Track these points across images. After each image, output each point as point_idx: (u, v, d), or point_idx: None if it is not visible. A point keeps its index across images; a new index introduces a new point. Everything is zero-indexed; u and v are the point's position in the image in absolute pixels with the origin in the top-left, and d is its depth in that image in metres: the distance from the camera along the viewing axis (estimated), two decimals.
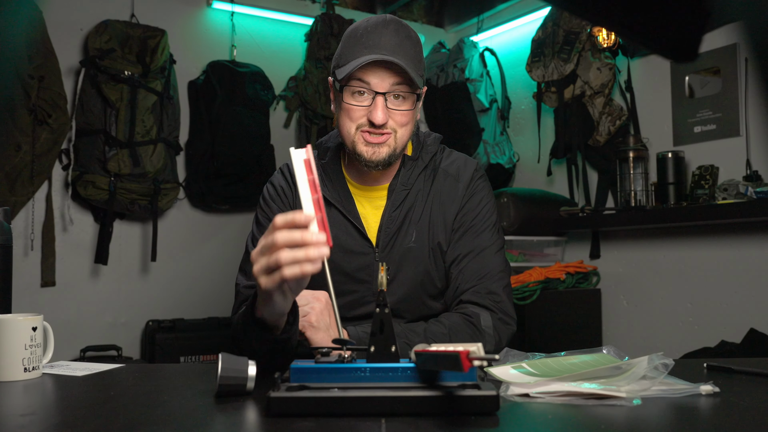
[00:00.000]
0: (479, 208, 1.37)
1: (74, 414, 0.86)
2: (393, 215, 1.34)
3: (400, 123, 1.27)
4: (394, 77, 1.24)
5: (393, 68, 1.23)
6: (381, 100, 1.24)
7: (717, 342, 2.53)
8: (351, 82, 1.25)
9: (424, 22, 4.07)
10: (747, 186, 2.42)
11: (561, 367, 0.96)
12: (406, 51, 1.25)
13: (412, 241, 1.33)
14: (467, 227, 1.35)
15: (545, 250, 3.16)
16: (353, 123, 1.27)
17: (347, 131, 1.28)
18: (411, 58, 1.25)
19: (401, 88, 1.25)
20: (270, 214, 1.36)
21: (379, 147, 1.27)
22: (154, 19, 3.16)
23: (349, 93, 1.26)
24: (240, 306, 1.29)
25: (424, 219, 1.35)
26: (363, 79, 1.24)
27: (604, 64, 2.97)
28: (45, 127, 2.84)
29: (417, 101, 1.31)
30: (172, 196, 3.13)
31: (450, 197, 1.36)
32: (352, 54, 1.25)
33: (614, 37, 2.97)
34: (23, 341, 1.10)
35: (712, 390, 0.90)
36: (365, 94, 1.25)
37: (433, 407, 0.81)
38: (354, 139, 1.28)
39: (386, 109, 1.25)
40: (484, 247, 1.33)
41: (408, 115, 1.28)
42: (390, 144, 1.28)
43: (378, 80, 1.23)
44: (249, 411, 0.84)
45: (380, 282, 0.90)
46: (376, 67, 1.23)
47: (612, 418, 0.79)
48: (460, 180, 1.38)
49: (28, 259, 2.92)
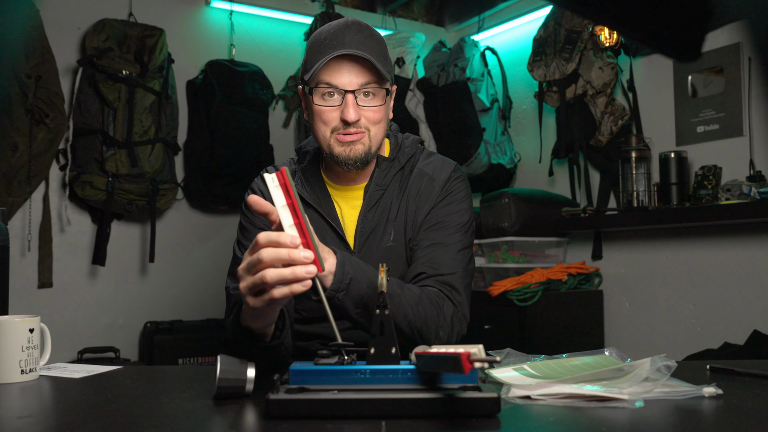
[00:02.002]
0: (452, 207, 1.36)
1: (71, 416, 0.85)
2: (368, 215, 1.34)
3: (372, 120, 1.28)
4: (361, 75, 1.25)
5: (359, 65, 1.24)
6: (351, 98, 1.25)
7: (720, 344, 2.52)
8: (319, 85, 1.25)
9: (425, 21, 4.06)
10: (750, 186, 2.41)
11: (563, 368, 0.96)
12: (371, 47, 1.25)
13: (391, 239, 1.33)
14: (435, 221, 1.34)
15: (547, 251, 3.14)
16: (327, 126, 1.28)
17: (322, 135, 1.29)
18: (376, 54, 1.25)
19: (370, 85, 1.26)
20: (252, 219, 1.37)
21: (353, 145, 1.27)
22: (153, 18, 3.15)
23: (319, 95, 1.27)
24: (232, 309, 1.29)
25: (400, 218, 1.35)
26: (330, 81, 1.25)
27: (606, 63, 2.96)
28: (42, 126, 2.83)
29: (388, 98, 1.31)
30: (170, 197, 3.12)
31: (424, 196, 1.36)
32: (317, 56, 1.26)
33: (616, 36, 2.96)
34: (20, 343, 1.10)
35: (715, 392, 0.90)
36: (334, 95, 1.26)
37: (434, 409, 0.80)
38: (329, 142, 1.28)
39: (357, 107, 1.25)
40: (450, 243, 1.32)
41: (380, 111, 1.28)
42: (364, 142, 1.28)
43: (346, 80, 1.24)
44: (248, 413, 0.84)
45: (380, 283, 0.89)
46: (342, 67, 1.24)
47: (614, 420, 0.79)
48: (435, 179, 1.38)
49: (25, 260, 2.91)
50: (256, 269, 0.91)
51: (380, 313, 0.87)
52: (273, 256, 0.90)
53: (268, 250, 0.90)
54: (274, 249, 0.90)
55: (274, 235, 0.91)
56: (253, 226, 1.35)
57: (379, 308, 0.87)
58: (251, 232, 1.35)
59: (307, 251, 0.90)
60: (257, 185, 1.41)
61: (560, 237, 3.15)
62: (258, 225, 1.35)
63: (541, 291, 2.79)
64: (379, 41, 1.29)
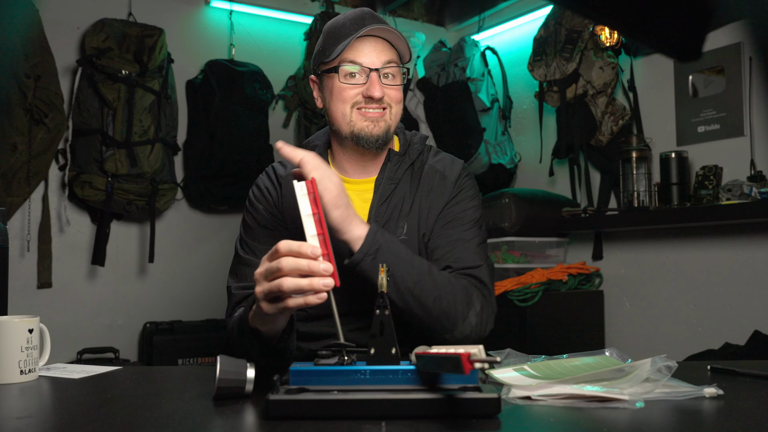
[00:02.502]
0: (465, 204, 1.37)
1: (71, 417, 0.85)
2: (380, 209, 1.34)
3: (394, 99, 1.31)
4: (383, 53, 1.28)
5: (381, 44, 1.28)
6: (375, 76, 1.27)
7: (721, 344, 2.52)
8: (343, 64, 1.27)
9: (425, 20, 4.05)
10: (751, 186, 2.40)
11: (563, 369, 0.96)
12: (389, 30, 1.29)
13: (404, 233, 1.33)
14: (450, 218, 1.34)
15: (547, 251, 3.14)
16: (347, 103, 1.29)
17: (342, 113, 1.30)
18: (395, 35, 1.29)
19: (391, 64, 1.29)
20: (256, 216, 1.36)
21: (377, 121, 1.29)
22: (152, 17, 3.14)
23: (342, 75, 1.28)
24: (233, 309, 1.29)
25: (414, 213, 1.35)
26: (355, 60, 1.27)
27: (607, 63, 2.96)
28: (41, 126, 2.83)
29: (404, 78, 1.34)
30: (169, 197, 3.11)
31: (437, 192, 1.36)
32: (339, 40, 1.28)
33: (617, 36, 2.96)
34: (19, 343, 1.10)
35: (715, 392, 0.90)
36: (356, 76, 1.28)
37: (434, 410, 0.80)
38: (351, 118, 1.29)
39: (381, 84, 1.28)
40: (469, 238, 1.33)
41: (400, 91, 1.32)
42: (386, 119, 1.30)
43: (369, 60, 1.27)
44: (247, 414, 0.84)
45: (380, 283, 0.89)
46: (365, 47, 1.28)
47: (615, 420, 0.79)
48: (447, 176, 1.38)
49: (25, 260, 2.90)
50: (274, 276, 0.92)
51: (380, 314, 0.87)
52: (292, 266, 0.90)
53: (288, 259, 0.91)
54: (294, 258, 0.91)
55: (295, 244, 0.92)
56: (257, 224, 1.35)
57: (379, 308, 0.87)
58: (255, 230, 1.35)
59: (327, 263, 0.91)
60: (263, 181, 1.41)
61: (561, 237, 3.15)
62: (262, 223, 1.34)
63: (541, 291, 2.78)
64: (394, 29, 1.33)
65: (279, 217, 1.35)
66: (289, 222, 1.34)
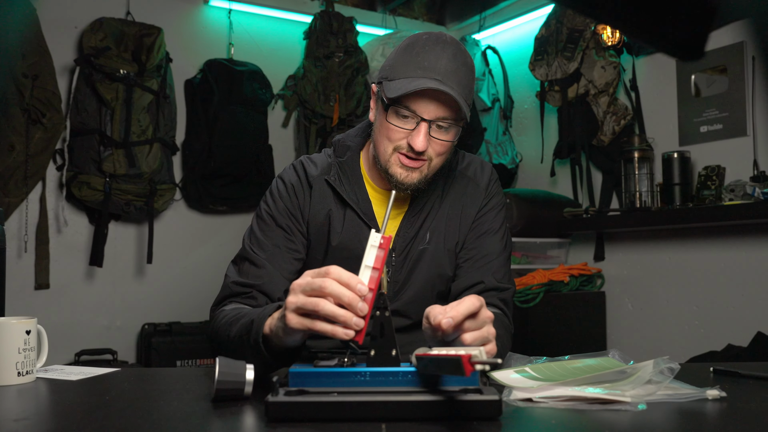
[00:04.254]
0: (495, 212, 1.38)
1: (69, 419, 0.86)
2: (411, 220, 1.32)
3: (437, 152, 1.25)
4: (442, 108, 1.20)
5: (443, 96, 1.19)
6: (425, 127, 1.21)
7: (724, 346, 2.52)
8: (398, 105, 1.21)
9: (425, 19, 4.04)
10: (754, 187, 2.41)
11: (565, 371, 0.96)
12: (460, 79, 1.20)
13: (426, 242, 1.32)
14: (483, 231, 1.35)
15: (548, 252, 3.14)
16: (391, 143, 1.24)
17: (383, 150, 1.25)
18: (463, 87, 1.21)
19: (447, 120, 1.22)
20: (276, 211, 1.31)
21: (412, 171, 1.24)
22: (150, 16, 3.13)
23: (393, 113, 1.22)
24: (223, 300, 1.25)
25: (440, 221, 1.33)
26: (410, 106, 1.20)
27: (609, 62, 2.95)
28: (39, 126, 2.82)
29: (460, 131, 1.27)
30: (168, 197, 3.10)
31: (470, 199, 1.36)
32: (405, 71, 1.21)
33: (619, 35, 2.96)
34: (17, 345, 1.09)
35: (718, 395, 0.89)
36: (409, 118, 1.21)
37: (434, 412, 0.80)
38: (389, 159, 1.25)
39: (428, 137, 1.21)
40: (500, 251, 1.35)
41: (448, 146, 1.26)
42: (423, 171, 1.25)
43: (426, 109, 1.20)
44: (247, 416, 0.84)
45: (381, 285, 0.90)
46: (426, 95, 1.19)
47: (617, 423, 0.79)
48: (479, 183, 1.38)
49: (22, 261, 2.89)
50: (314, 293, 0.90)
51: (380, 315, 0.87)
52: (337, 292, 0.88)
53: (333, 284, 0.88)
54: (339, 285, 0.88)
55: (346, 274, 0.90)
56: (274, 222, 1.30)
57: (380, 310, 0.86)
58: (270, 226, 1.30)
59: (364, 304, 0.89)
60: (290, 177, 1.35)
61: (562, 238, 3.15)
62: (279, 222, 1.30)
63: (542, 292, 2.78)
64: (471, 70, 1.25)
65: (299, 220, 1.31)
66: (311, 228, 1.30)
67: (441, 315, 0.92)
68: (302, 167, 1.35)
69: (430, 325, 0.95)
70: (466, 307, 0.93)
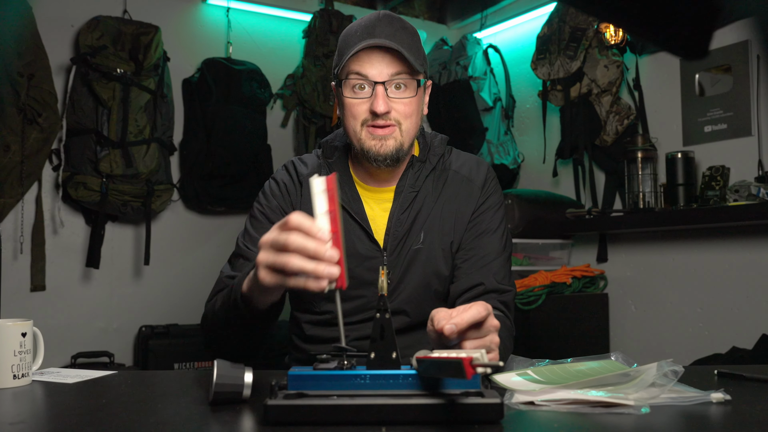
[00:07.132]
0: (493, 211, 1.36)
1: (65, 422, 0.85)
2: (401, 218, 1.31)
3: (403, 114, 1.25)
4: (392, 66, 1.23)
5: (389, 56, 1.22)
6: (381, 89, 1.22)
7: (728, 348, 2.50)
8: (349, 76, 1.24)
9: (426, 18, 4.03)
10: (759, 187, 2.40)
11: (567, 374, 0.96)
12: (402, 38, 1.23)
13: (420, 242, 1.31)
14: (481, 230, 1.34)
15: (551, 254, 3.14)
16: (357, 120, 1.26)
17: (353, 129, 1.27)
18: (407, 45, 1.23)
19: (400, 76, 1.23)
20: (268, 211, 1.34)
21: (385, 140, 1.24)
22: (148, 15, 3.11)
23: (349, 88, 1.25)
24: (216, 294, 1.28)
25: (434, 220, 1.32)
26: (360, 72, 1.23)
27: (612, 61, 2.94)
28: (35, 126, 2.80)
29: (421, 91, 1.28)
30: (165, 198, 3.08)
31: (464, 198, 1.35)
32: (347, 49, 1.24)
33: (622, 34, 2.95)
34: (12, 347, 1.09)
35: (723, 398, 0.89)
36: (365, 87, 1.24)
37: (435, 415, 0.80)
38: (360, 136, 1.26)
39: (387, 99, 1.23)
40: (499, 250, 1.33)
41: (411, 104, 1.26)
42: (396, 137, 1.25)
43: (375, 71, 1.22)
44: (245, 419, 0.84)
45: (380, 286, 0.89)
46: (372, 58, 1.22)
47: (620, 426, 0.79)
48: (474, 181, 1.37)
49: (18, 262, 2.87)
50: (281, 250, 0.89)
51: (380, 317, 0.86)
52: (300, 246, 0.87)
53: (296, 237, 0.87)
54: (302, 238, 0.87)
55: (307, 221, 0.87)
56: (267, 220, 1.32)
57: (379, 311, 0.86)
58: (263, 224, 1.32)
59: (334, 250, 0.87)
60: (282, 176, 1.38)
61: (564, 239, 3.14)
62: (273, 219, 1.31)
63: (545, 294, 2.77)
64: (412, 33, 1.27)
65: None
66: None
67: (445, 320, 0.92)
68: (293, 167, 1.38)
69: (434, 328, 0.95)
70: (471, 315, 0.93)
